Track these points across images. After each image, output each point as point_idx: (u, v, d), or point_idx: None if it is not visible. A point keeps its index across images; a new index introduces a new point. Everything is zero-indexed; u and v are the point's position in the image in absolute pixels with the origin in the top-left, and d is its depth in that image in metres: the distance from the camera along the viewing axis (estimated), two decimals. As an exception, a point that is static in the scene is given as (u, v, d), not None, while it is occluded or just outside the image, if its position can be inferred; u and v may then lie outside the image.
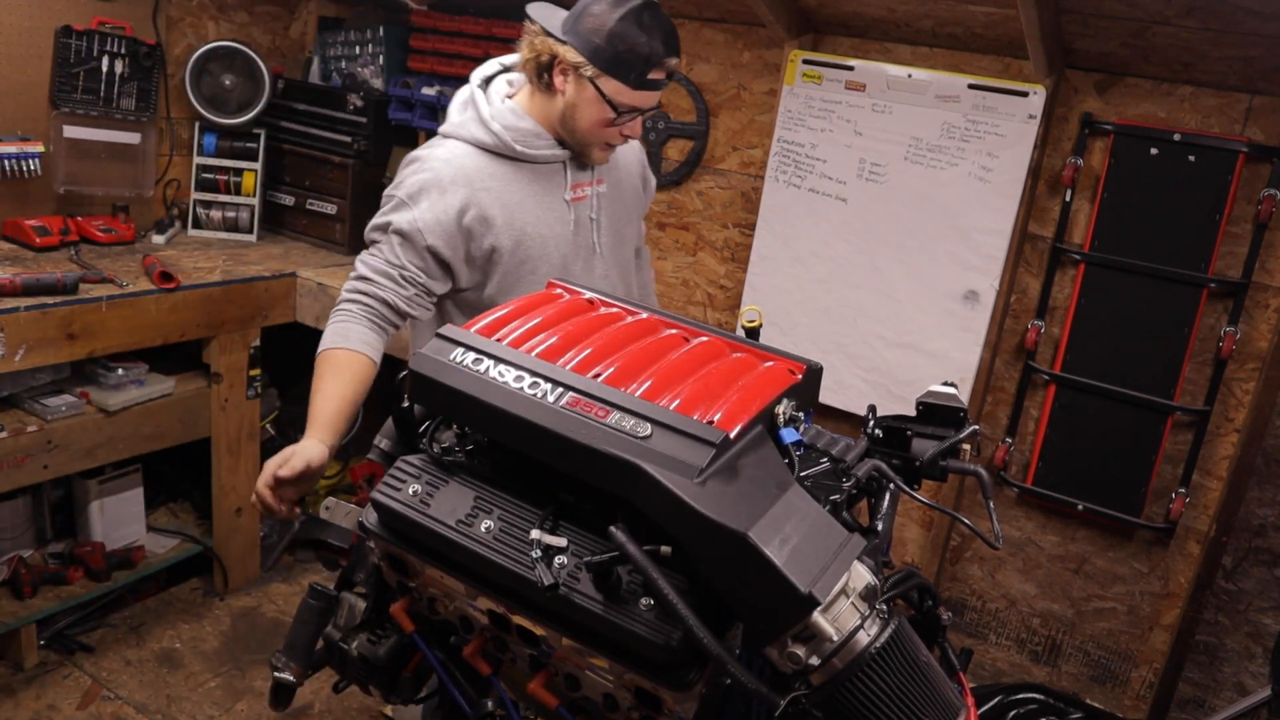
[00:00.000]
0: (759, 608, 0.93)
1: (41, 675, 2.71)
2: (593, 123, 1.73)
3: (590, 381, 1.07)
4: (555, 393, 1.06)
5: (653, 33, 1.65)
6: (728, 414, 1.04)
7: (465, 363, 1.12)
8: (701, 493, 0.93)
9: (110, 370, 2.72)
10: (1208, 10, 2.15)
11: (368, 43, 3.53)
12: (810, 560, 0.91)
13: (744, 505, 0.93)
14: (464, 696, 1.26)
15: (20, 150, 2.79)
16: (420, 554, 1.13)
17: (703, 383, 1.10)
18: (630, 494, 0.98)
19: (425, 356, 1.14)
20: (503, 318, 1.21)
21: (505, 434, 1.09)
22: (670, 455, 0.97)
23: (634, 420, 1.01)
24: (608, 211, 1.93)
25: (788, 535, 0.92)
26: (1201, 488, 2.62)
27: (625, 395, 1.05)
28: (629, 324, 1.24)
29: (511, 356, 1.11)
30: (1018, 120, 2.58)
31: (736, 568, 0.91)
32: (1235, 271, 2.48)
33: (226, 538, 3.15)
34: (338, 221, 3.43)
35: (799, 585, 0.88)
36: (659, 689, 0.99)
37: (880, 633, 0.93)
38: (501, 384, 1.08)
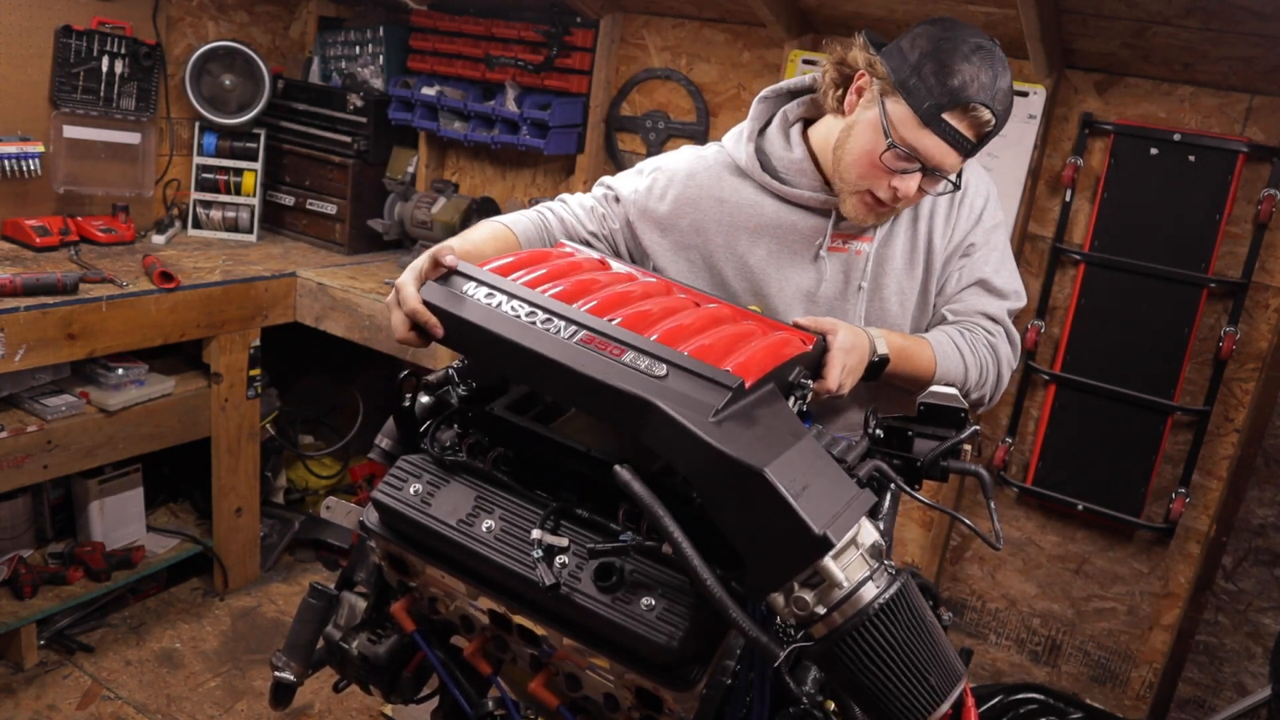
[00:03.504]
0: (769, 549, 0.90)
1: (41, 675, 2.71)
2: (859, 153, 1.40)
3: (605, 322, 1.06)
4: (569, 330, 1.04)
5: (975, 68, 1.32)
6: (742, 366, 1.03)
7: (478, 297, 1.10)
8: (717, 430, 0.92)
9: (110, 370, 2.72)
10: (1208, 10, 2.15)
11: (368, 43, 3.53)
12: (824, 504, 0.89)
13: (760, 446, 0.91)
14: (464, 696, 1.26)
15: (20, 150, 2.79)
16: (421, 553, 1.13)
17: (717, 338, 1.09)
18: (642, 432, 0.96)
19: (436, 288, 1.13)
20: (513, 264, 1.20)
21: (516, 369, 1.08)
22: (686, 394, 0.96)
23: (649, 360, 1.00)
24: (880, 282, 1.54)
25: (802, 478, 0.90)
26: (1201, 488, 2.62)
27: (641, 337, 1.04)
28: (643, 283, 1.23)
29: (525, 294, 1.10)
30: (1018, 120, 2.58)
31: (749, 506, 0.89)
32: (1235, 271, 2.48)
33: (226, 538, 3.15)
34: (338, 221, 3.43)
35: (814, 526, 0.86)
36: (660, 689, 0.99)
37: (888, 587, 0.91)
38: (514, 318, 1.06)
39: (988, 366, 1.50)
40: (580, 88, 3.20)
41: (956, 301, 1.54)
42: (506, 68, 3.20)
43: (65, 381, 2.70)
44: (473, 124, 3.32)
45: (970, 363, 1.46)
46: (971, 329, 1.49)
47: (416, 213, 3.29)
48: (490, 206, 3.32)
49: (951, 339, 1.46)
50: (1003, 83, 1.35)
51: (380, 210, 3.39)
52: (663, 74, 3.14)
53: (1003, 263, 1.56)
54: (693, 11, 3.04)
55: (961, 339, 1.47)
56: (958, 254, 1.54)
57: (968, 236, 1.53)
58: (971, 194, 1.54)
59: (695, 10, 3.03)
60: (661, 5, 3.08)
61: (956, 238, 1.53)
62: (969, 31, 1.37)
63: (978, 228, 1.54)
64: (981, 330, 1.50)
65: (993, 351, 1.51)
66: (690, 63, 3.09)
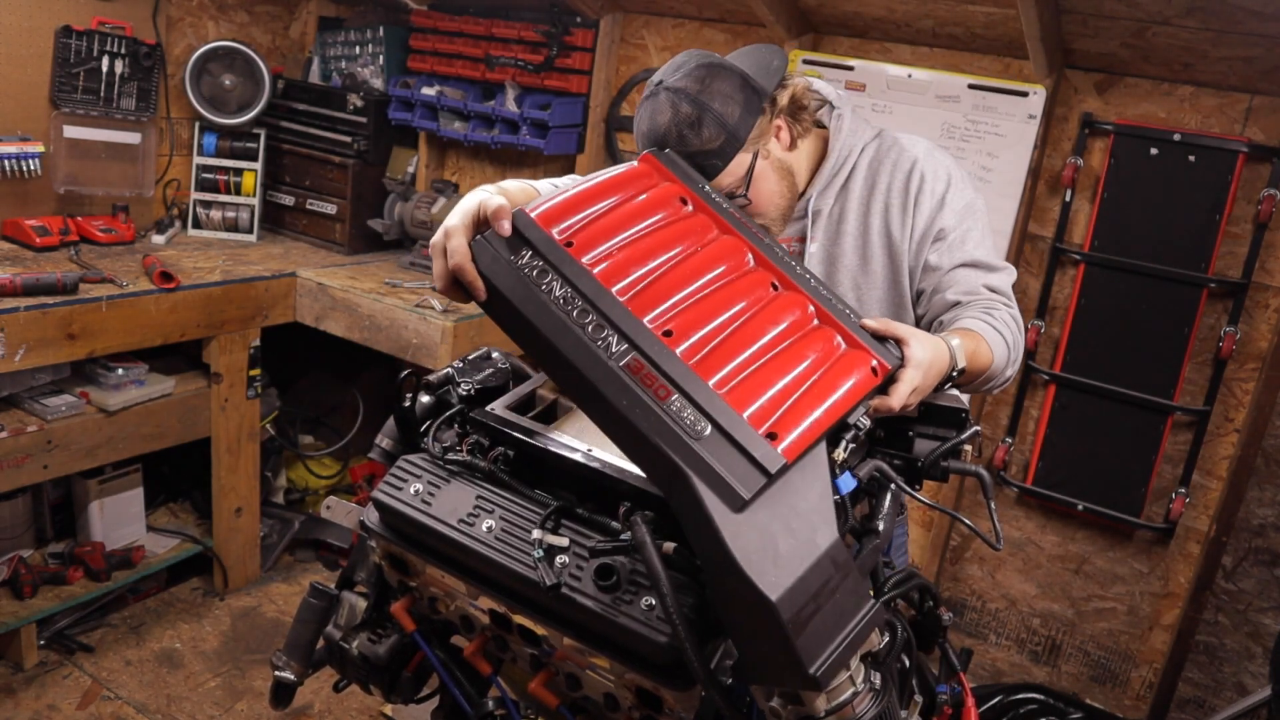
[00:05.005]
0: (761, 655, 0.89)
1: (41, 675, 2.71)
2: None
3: (657, 343, 0.96)
4: (620, 347, 0.95)
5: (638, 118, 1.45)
6: (790, 425, 0.95)
7: (530, 272, 1.00)
8: (739, 528, 0.86)
9: (110, 370, 2.72)
10: (1208, 10, 2.15)
11: (368, 43, 3.53)
12: (827, 633, 0.86)
13: (777, 559, 0.86)
14: (464, 696, 1.26)
15: (20, 150, 2.79)
16: (421, 553, 1.13)
17: (774, 367, 1.00)
18: (665, 490, 0.93)
19: (488, 246, 1.02)
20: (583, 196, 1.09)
21: (549, 367, 1.01)
22: (719, 471, 0.89)
23: (695, 413, 0.92)
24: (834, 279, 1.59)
25: (813, 604, 0.86)
26: (1201, 488, 2.62)
27: (691, 375, 0.95)
28: (714, 245, 1.11)
29: (583, 283, 0.99)
30: (1018, 120, 2.58)
31: (750, 616, 0.86)
32: (1235, 271, 2.48)
33: (226, 538, 3.15)
34: (338, 221, 3.43)
35: (807, 665, 0.84)
36: (660, 688, 0.99)
37: (867, 710, 0.91)
38: (562, 313, 0.97)
39: (1017, 341, 1.48)
40: (580, 88, 3.20)
41: (954, 283, 1.52)
42: (506, 68, 3.20)
43: (65, 381, 2.70)
44: (473, 124, 3.32)
45: (1010, 342, 1.43)
46: (989, 308, 1.47)
47: (416, 213, 3.29)
48: (490, 206, 3.31)
49: (987, 324, 1.41)
50: (660, 120, 1.37)
51: (380, 210, 3.39)
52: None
53: (983, 240, 1.56)
54: (693, 11, 3.04)
55: (992, 320, 1.43)
56: (928, 239, 1.53)
57: (935, 222, 1.52)
58: (930, 181, 1.53)
59: (695, 10, 3.03)
60: (661, 5, 3.08)
61: (920, 225, 1.53)
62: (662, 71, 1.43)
63: (943, 212, 1.53)
64: (999, 305, 1.48)
65: (1015, 323, 1.49)
66: (690, 63, 3.09)
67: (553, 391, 1.28)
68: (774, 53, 1.49)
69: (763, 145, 1.45)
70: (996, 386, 1.45)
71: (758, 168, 1.44)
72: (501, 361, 1.34)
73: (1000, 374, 1.41)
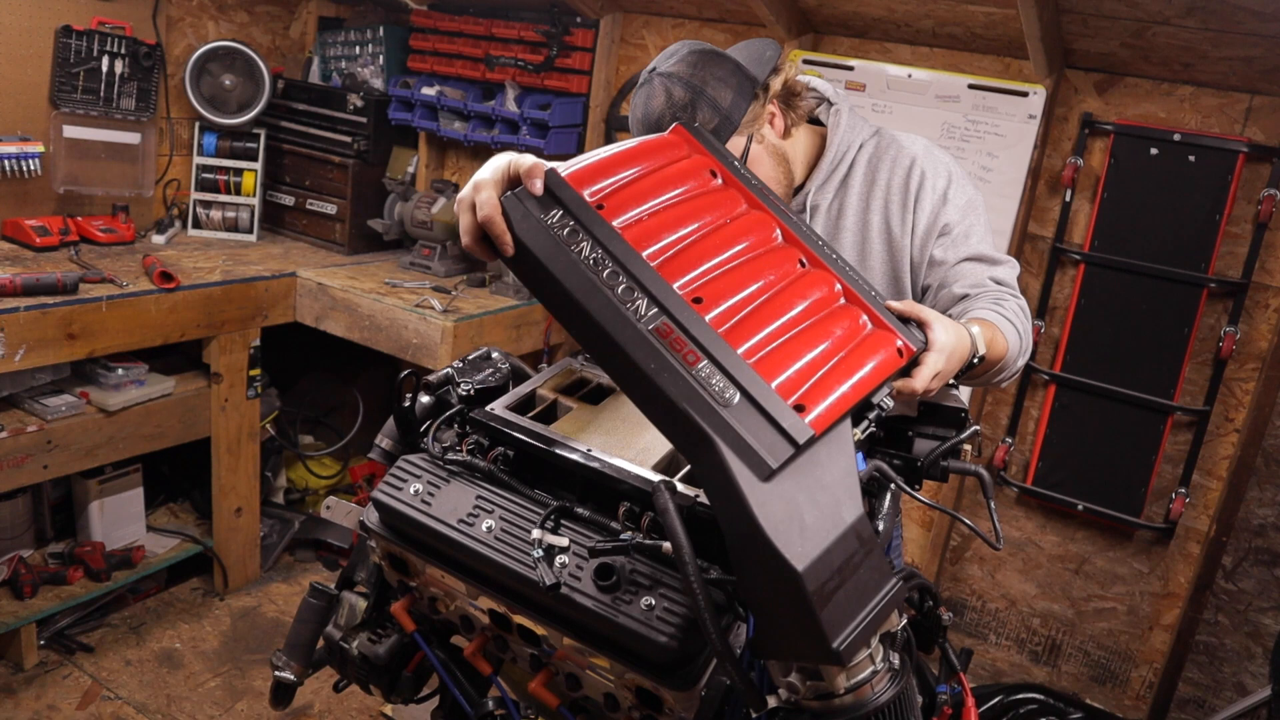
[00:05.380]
0: (781, 629, 0.88)
1: (41, 675, 2.71)
2: None
3: (687, 308, 0.95)
4: (649, 310, 0.94)
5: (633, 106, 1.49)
6: (818, 398, 0.94)
7: (561, 231, 0.98)
8: (766, 497, 0.85)
9: (110, 370, 2.72)
10: (1208, 10, 2.15)
11: (368, 43, 3.54)
12: (849, 611, 0.85)
13: (803, 530, 0.85)
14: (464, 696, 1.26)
15: (20, 150, 2.79)
16: (421, 553, 1.13)
17: (802, 340, 0.99)
18: (690, 457, 0.92)
19: (517, 201, 1.00)
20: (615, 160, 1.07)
21: (576, 330, 0.97)
22: (747, 438, 0.87)
23: (723, 380, 0.91)
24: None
25: (838, 578, 0.85)
26: (1201, 488, 2.62)
27: (720, 342, 0.93)
28: (743, 218, 1.10)
29: (614, 245, 0.97)
30: (1018, 120, 2.58)
31: (773, 588, 0.85)
32: (1235, 271, 2.48)
33: (226, 538, 3.15)
34: (338, 221, 3.43)
35: (830, 640, 0.83)
36: (660, 688, 0.99)
37: (885, 690, 0.90)
38: (592, 274, 0.95)
39: (1027, 330, 1.48)
40: (580, 88, 3.20)
41: (960, 276, 1.52)
42: (506, 68, 3.20)
43: (65, 381, 2.70)
44: (473, 124, 3.32)
45: (1021, 331, 1.44)
46: (998, 299, 1.47)
47: (416, 213, 3.29)
48: (490, 206, 3.32)
49: (999, 314, 1.41)
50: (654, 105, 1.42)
51: (380, 210, 3.39)
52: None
53: (985, 235, 1.57)
54: (693, 11, 3.04)
55: (1003, 310, 1.43)
56: (933, 234, 1.54)
57: (939, 217, 1.53)
58: (931, 177, 1.54)
59: (695, 10, 3.03)
60: (661, 5, 3.08)
61: (924, 220, 1.54)
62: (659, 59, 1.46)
63: (947, 207, 1.54)
64: (1007, 296, 1.49)
65: (1024, 314, 1.49)
66: (690, 63, 3.09)
67: (553, 391, 1.28)
68: (767, 44, 1.51)
69: (756, 130, 1.46)
70: (1007, 377, 1.45)
71: (752, 151, 1.46)
72: (501, 361, 1.34)
73: (1013, 363, 1.41)
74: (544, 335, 3.24)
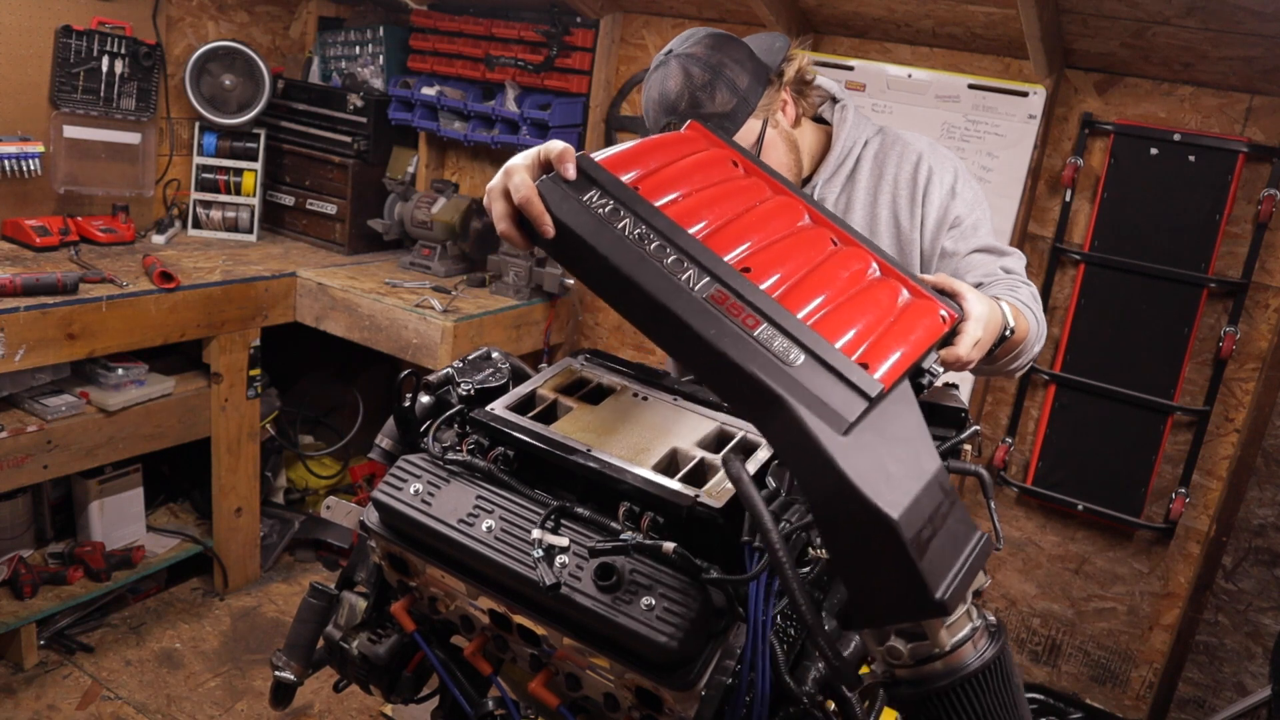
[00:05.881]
0: (878, 591, 0.84)
1: (41, 675, 2.71)
2: None
3: (739, 276, 0.94)
4: (700, 280, 0.92)
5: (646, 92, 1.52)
6: (879, 357, 0.93)
7: (601, 210, 0.96)
8: (847, 450, 0.82)
9: (110, 370, 2.72)
10: (1208, 10, 2.15)
11: (368, 43, 3.54)
12: (946, 560, 0.83)
13: (890, 479, 0.82)
14: (464, 696, 1.26)
15: (20, 150, 2.79)
16: (421, 553, 1.13)
17: (853, 306, 0.98)
18: (759, 422, 0.89)
19: (553, 185, 0.99)
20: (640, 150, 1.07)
21: (628, 307, 0.96)
22: (819, 394, 0.85)
23: (785, 341, 0.89)
24: None
25: (930, 527, 0.82)
26: (1201, 488, 2.62)
27: (778, 307, 0.92)
28: (772, 202, 1.10)
29: (656, 219, 0.96)
30: (1018, 120, 2.58)
31: (867, 544, 0.82)
32: (1235, 271, 2.48)
33: (226, 538, 3.15)
34: (338, 221, 3.43)
35: (934, 590, 0.80)
36: (660, 689, 0.99)
37: (986, 649, 0.88)
38: (640, 249, 0.93)
39: (1041, 317, 1.49)
40: (580, 88, 3.20)
41: (972, 267, 1.54)
42: (506, 68, 3.20)
43: (65, 381, 2.70)
44: (473, 124, 3.32)
45: (1037, 316, 1.45)
46: (1012, 286, 1.49)
47: (416, 213, 3.29)
48: (490, 206, 3.32)
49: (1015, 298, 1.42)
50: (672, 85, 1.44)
51: (380, 210, 3.39)
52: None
53: (991, 229, 1.60)
54: (693, 11, 3.04)
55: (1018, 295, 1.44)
56: (944, 227, 1.56)
57: (949, 210, 1.56)
58: (938, 172, 1.57)
59: (695, 10, 3.03)
60: (661, 5, 3.08)
61: (934, 214, 1.56)
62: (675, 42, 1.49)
63: (955, 200, 1.56)
64: (1020, 284, 1.50)
65: (1037, 301, 1.51)
66: (690, 63, 3.09)
67: (553, 391, 1.28)
68: (776, 37, 1.55)
69: (771, 115, 1.50)
70: (1025, 363, 1.47)
71: (767, 136, 1.49)
72: (501, 361, 1.34)
73: (1032, 346, 1.43)
74: (544, 335, 3.24)
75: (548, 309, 3.22)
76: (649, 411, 1.24)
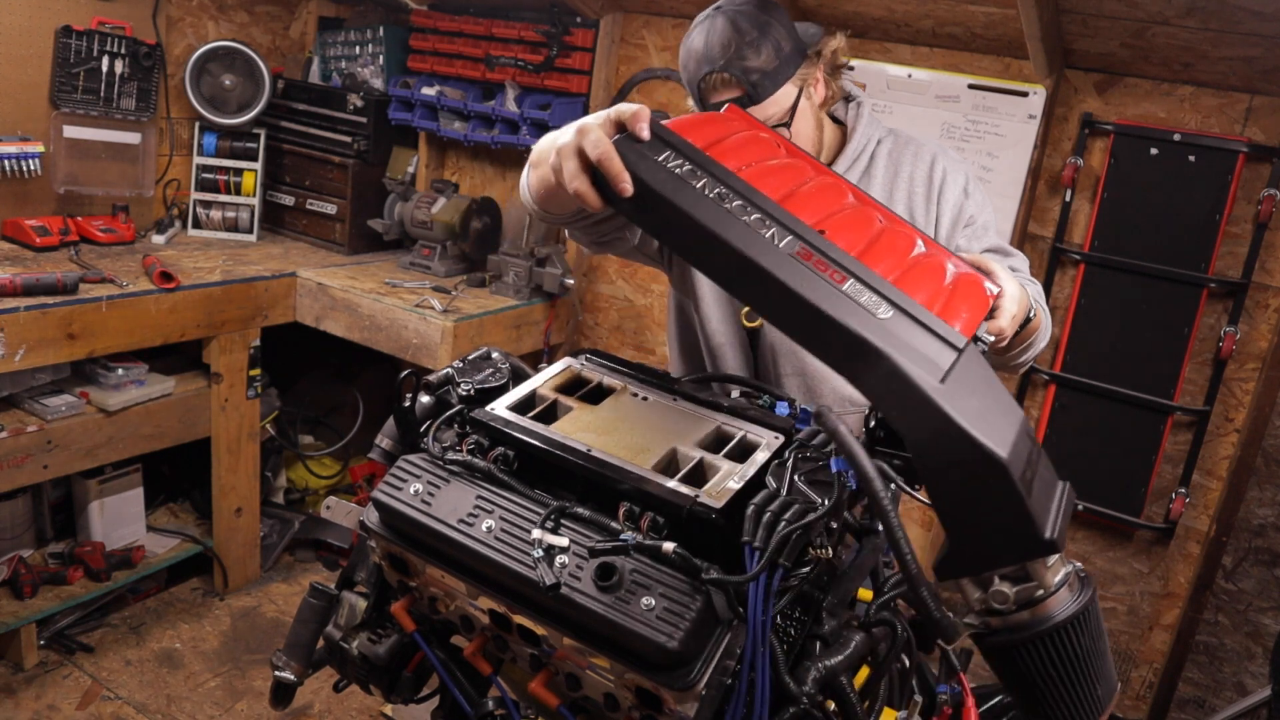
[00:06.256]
0: (985, 535, 0.86)
1: (41, 675, 2.71)
2: None
3: (819, 237, 0.95)
4: (784, 238, 0.93)
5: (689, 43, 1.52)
6: (954, 315, 0.96)
7: (679, 170, 0.97)
8: (949, 396, 0.84)
9: (110, 370, 2.72)
10: (1208, 10, 2.15)
11: (368, 43, 3.54)
12: (1045, 501, 0.85)
13: (990, 423, 0.84)
14: (464, 696, 1.26)
15: (20, 150, 2.79)
16: (421, 553, 1.13)
17: (915, 273, 1.00)
18: (852, 373, 0.90)
19: (629, 143, 0.99)
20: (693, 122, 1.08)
21: (714, 266, 0.96)
22: (913, 346, 0.87)
23: (872, 296, 0.91)
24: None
25: (1029, 470, 0.84)
26: (1201, 488, 2.62)
27: (861, 265, 0.94)
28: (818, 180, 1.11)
29: (734, 182, 0.97)
30: (1018, 120, 2.58)
31: (973, 487, 0.83)
32: (1235, 271, 2.48)
33: (226, 538, 3.15)
34: (338, 221, 3.43)
35: (1043, 528, 0.82)
36: (660, 689, 0.99)
37: (1080, 593, 0.90)
38: (723, 208, 0.94)
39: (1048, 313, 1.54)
40: (580, 88, 3.20)
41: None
42: (506, 68, 3.20)
43: (65, 381, 2.70)
44: (473, 124, 3.32)
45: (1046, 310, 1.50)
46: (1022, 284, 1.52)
47: (416, 213, 3.29)
48: (490, 206, 3.32)
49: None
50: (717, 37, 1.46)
51: (380, 210, 3.39)
52: (663, 74, 3.14)
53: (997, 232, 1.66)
54: (692, 11, 3.03)
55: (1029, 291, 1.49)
56: (959, 225, 1.61)
57: (963, 210, 1.60)
58: (952, 173, 1.62)
59: (695, 10, 3.01)
60: (661, 5, 3.08)
61: (949, 212, 1.60)
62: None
63: (969, 201, 1.61)
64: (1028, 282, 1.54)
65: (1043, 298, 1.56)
66: (690, 63, 3.09)
67: (553, 391, 1.28)
68: (809, 23, 1.60)
69: (807, 86, 1.53)
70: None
71: (800, 106, 1.52)
72: (501, 361, 1.34)
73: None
74: (544, 335, 3.24)
75: (548, 309, 3.22)
76: (649, 411, 1.24)
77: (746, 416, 1.22)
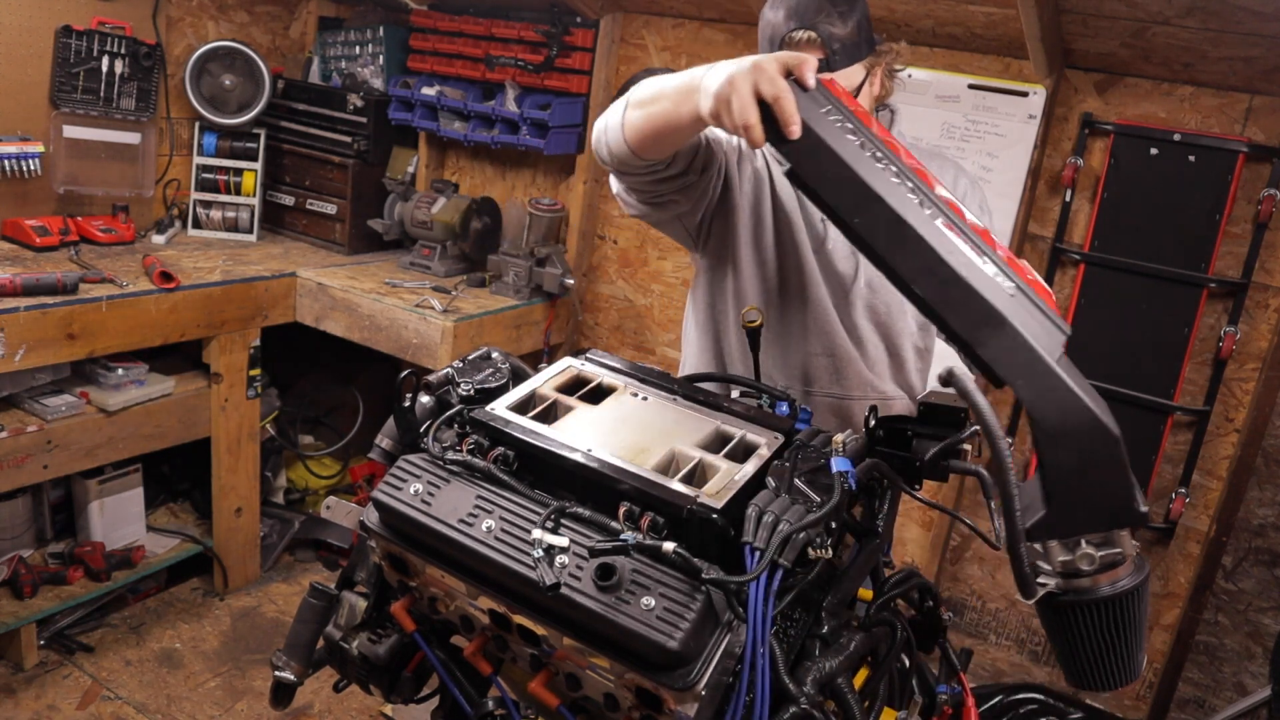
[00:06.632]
0: (1085, 501, 0.95)
1: (41, 675, 2.71)
2: None
3: (951, 211, 1.01)
4: (930, 210, 0.99)
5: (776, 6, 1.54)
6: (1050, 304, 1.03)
7: (843, 128, 1.01)
8: (1066, 371, 0.92)
9: (110, 370, 2.72)
10: (1208, 10, 2.15)
11: (368, 43, 3.54)
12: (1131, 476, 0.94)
13: (1099, 403, 0.92)
14: (464, 696, 1.26)
15: (20, 150, 2.79)
16: (421, 553, 1.13)
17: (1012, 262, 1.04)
18: (975, 339, 0.96)
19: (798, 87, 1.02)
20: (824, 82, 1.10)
21: (864, 217, 1.00)
22: (1033, 324, 0.95)
23: (999, 271, 0.97)
24: None
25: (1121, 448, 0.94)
26: (1201, 488, 2.62)
27: (983, 241, 1.00)
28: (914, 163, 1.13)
29: (880, 146, 1.02)
30: (1018, 120, 2.58)
31: (1084, 457, 0.93)
32: (1235, 271, 2.48)
33: (226, 538, 3.15)
34: (338, 221, 3.43)
35: (1140, 500, 0.91)
36: (660, 689, 0.99)
37: (1141, 566, 1.00)
38: (882, 170, 0.99)
39: None
40: (580, 88, 3.20)
41: None
42: (506, 68, 3.20)
43: (65, 381, 2.70)
44: (473, 124, 3.32)
45: None
46: None
47: (416, 213, 3.29)
48: (490, 206, 3.32)
49: None
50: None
51: (380, 210, 3.39)
52: (663, 74, 3.14)
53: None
54: (693, 11, 3.04)
55: None
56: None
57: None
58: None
59: (695, 10, 3.03)
60: (661, 5, 3.08)
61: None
62: None
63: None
64: None
65: None
66: (690, 63, 3.09)
67: (553, 391, 1.28)
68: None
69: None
70: None
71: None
72: (501, 361, 1.34)
73: None
74: (544, 335, 3.24)
75: (548, 309, 3.22)
76: (649, 411, 1.24)
77: (746, 416, 1.22)
